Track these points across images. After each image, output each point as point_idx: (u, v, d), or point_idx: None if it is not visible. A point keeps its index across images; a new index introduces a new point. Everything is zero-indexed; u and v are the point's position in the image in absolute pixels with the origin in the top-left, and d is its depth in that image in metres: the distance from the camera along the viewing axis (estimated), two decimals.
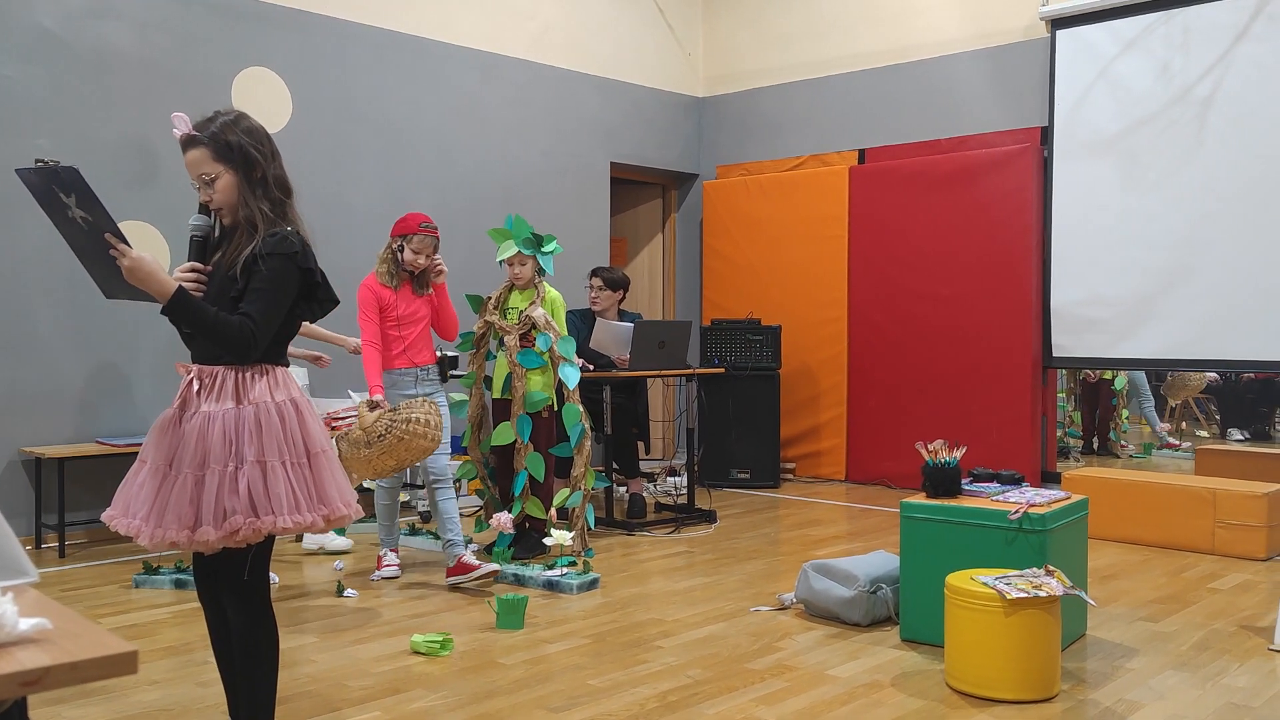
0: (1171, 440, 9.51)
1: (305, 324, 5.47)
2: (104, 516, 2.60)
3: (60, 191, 2.31)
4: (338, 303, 2.69)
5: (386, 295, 4.82)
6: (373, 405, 4.49)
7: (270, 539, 2.54)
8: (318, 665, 3.65)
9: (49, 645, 1.37)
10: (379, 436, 4.29)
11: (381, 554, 5.00)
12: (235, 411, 2.49)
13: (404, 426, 4.30)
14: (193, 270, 2.53)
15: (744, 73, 8.85)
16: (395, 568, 4.96)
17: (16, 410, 5.51)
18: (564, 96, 8.11)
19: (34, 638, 1.39)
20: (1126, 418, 9.39)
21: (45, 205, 2.39)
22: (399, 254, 4.81)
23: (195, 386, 2.53)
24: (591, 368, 5.99)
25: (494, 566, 4.65)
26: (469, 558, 4.66)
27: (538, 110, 7.94)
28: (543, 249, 5.32)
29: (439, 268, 4.89)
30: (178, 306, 2.42)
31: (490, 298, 5.43)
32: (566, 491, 5.24)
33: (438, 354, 5.10)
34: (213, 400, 2.50)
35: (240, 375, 2.53)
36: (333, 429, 6.27)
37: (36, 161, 2.28)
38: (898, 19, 7.90)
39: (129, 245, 2.37)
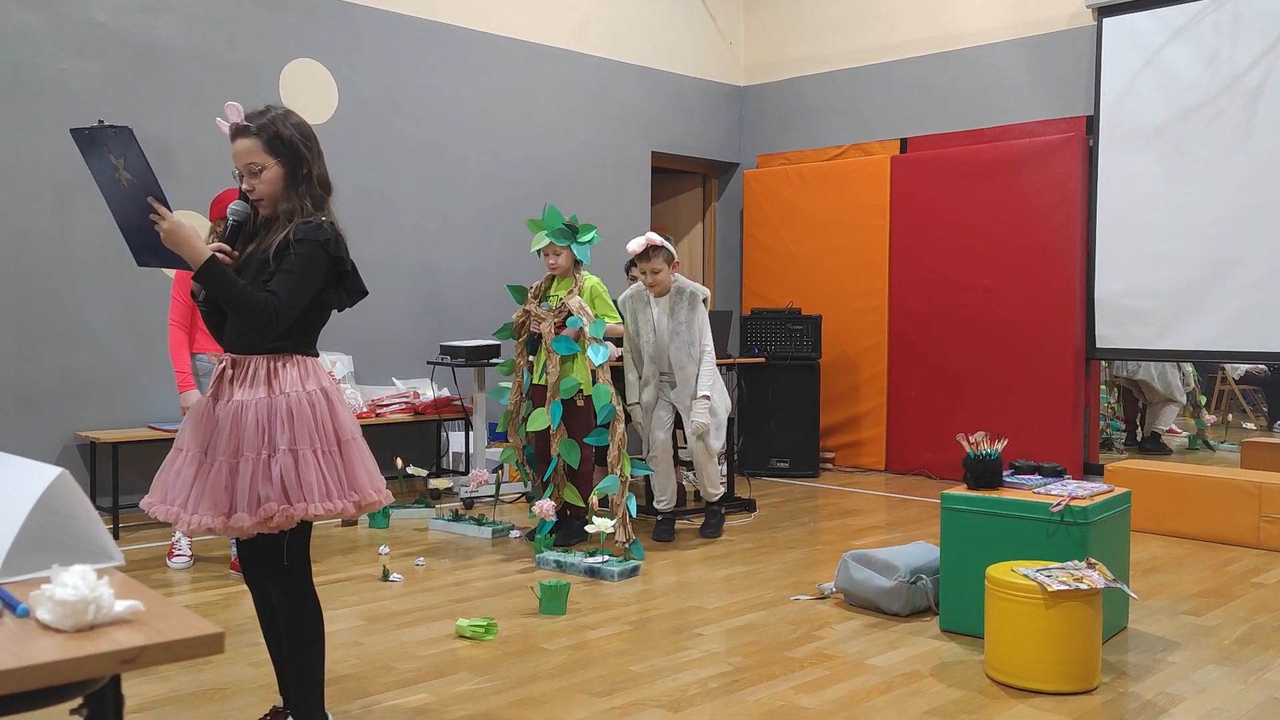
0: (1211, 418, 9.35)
1: None
2: (143, 503, 2.69)
3: (111, 153, 2.35)
4: (366, 293, 2.74)
5: None
6: None
7: (308, 525, 2.62)
8: (365, 648, 3.73)
9: (142, 626, 1.44)
10: None
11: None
12: (268, 400, 2.55)
13: None
14: (219, 252, 2.56)
15: (785, 62, 8.83)
16: None
17: (71, 396, 5.65)
18: (605, 86, 8.14)
19: (128, 618, 1.46)
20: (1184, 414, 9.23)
21: (93, 167, 2.42)
22: None
23: (229, 374, 2.60)
24: None
25: None
26: None
27: (580, 100, 7.97)
28: (579, 239, 5.34)
29: None
30: (210, 272, 2.46)
31: (533, 287, 5.49)
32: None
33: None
34: (245, 388, 2.57)
35: (272, 364, 2.59)
36: (377, 415, 6.37)
37: (98, 123, 2.34)
38: (940, 7, 7.85)
39: (170, 209, 2.42)
